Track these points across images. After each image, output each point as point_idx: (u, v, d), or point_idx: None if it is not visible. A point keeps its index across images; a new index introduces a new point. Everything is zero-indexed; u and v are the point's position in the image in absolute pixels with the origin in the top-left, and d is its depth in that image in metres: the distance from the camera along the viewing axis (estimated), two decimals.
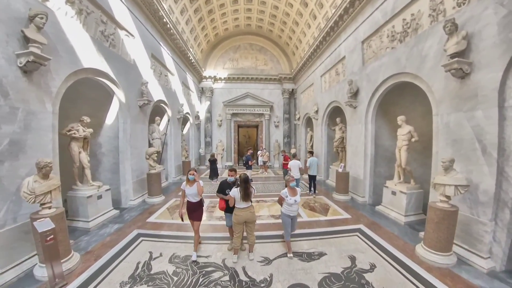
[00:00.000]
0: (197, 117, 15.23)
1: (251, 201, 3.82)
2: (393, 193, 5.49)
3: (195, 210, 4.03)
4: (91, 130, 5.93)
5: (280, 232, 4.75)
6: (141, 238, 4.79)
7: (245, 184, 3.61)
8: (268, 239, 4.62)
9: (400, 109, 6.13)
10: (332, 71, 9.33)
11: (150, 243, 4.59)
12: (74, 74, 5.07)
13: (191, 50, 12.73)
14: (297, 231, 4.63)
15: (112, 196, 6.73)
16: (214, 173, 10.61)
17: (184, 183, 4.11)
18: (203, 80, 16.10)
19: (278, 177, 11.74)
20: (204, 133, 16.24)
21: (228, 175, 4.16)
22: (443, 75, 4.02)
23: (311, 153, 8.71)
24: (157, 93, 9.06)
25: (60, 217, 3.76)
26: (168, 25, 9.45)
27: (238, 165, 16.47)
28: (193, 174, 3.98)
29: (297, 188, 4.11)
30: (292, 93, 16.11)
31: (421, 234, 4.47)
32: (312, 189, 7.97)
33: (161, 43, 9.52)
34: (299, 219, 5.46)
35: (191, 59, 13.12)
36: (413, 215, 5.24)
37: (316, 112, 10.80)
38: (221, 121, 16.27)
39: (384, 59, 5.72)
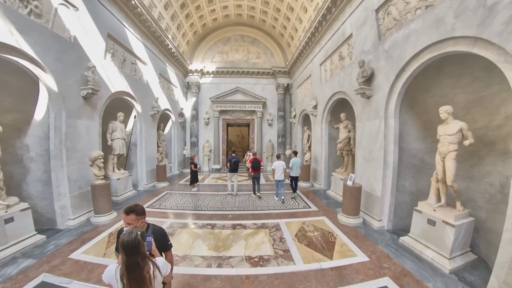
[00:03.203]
0: (181, 115, 13.48)
1: None
2: (431, 222, 3.70)
3: None
4: None
5: None
6: None
7: (133, 262, 1.52)
8: None
9: (433, 99, 4.38)
10: (334, 56, 7.56)
11: None
12: None
13: (169, 37, 10.95)
14: None
15: (45, 214, 5.22)
16: (194, 178, 8.78)
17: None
18: (189, 74, 14.37)
19: (269, 185, 9.87)
20: (190, 132, 14.47)
21: (125, 223, 2.03)
22: None
23: (295, 153, 7.99)
24: (117, 82, 7.27)
25: None
26: (133, 2, 7.67)
27: (227, 168, 14.74)
28: None
29: None
30: (287, 89, 14.38)
31: None
32: (296, 191, 7.71)
33: (125, 24, 7.73)
34: (288, 267, 3.62)
35: (172, 50, 11.34)
36: (459, 255, 3.47)
37: (315, 107, 9.02)
38: (208, 119, 14.51)
39: (414, 24, 3.95)
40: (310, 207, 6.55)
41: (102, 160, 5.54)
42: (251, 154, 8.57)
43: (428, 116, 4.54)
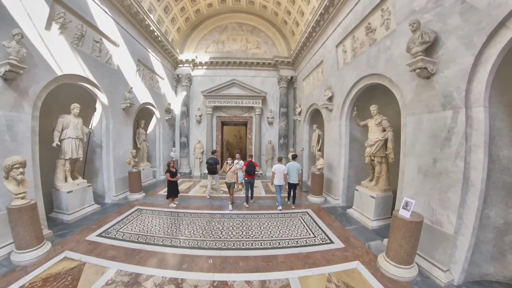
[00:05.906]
0: (168, 111, 11.66)
1: None
2: None
3: None
4: None
5: None
6: None
7: None
8: None
9: None
10: (358, 30, 5.70)
11: None
12: None
13: (151, 17, 9.13)
14: None
15: None
16: (172, 190, 6.90)
17: None
18: (179, 65, 12.60)
19: (270, 198, 7.94)
20: (180, 131, 12.66)
21: None
22: None
23: (294, 157, 7.12)
24: (68, 63, 5.45)
25: None
26: None
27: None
28: None
29: None
30: (291, 82, 12.56)
31: None
32: (291, 200, 6.88)
33: None
34: None
35: (155, 33, 9.53)
36: None
37: (330, 99, 7.08)
38: (200, 116, 12.71)
39: None
40: (332, 241, 4.43)
41: (22, 170, 3.70)
42: (230, 161, 6.84)
43: None
